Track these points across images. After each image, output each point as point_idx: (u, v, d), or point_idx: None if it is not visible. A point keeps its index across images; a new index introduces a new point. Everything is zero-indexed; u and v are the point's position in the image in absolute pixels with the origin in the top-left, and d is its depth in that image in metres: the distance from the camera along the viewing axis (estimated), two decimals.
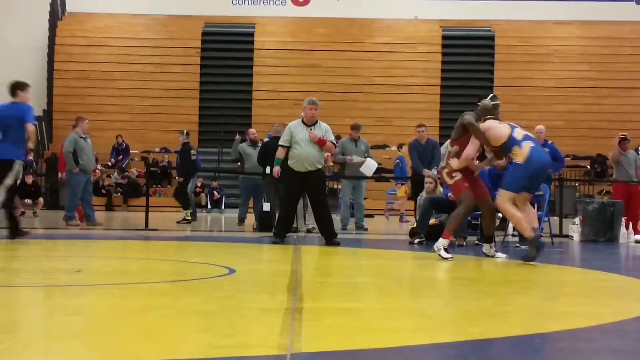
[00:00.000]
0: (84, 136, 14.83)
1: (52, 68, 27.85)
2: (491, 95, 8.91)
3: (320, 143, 10.72)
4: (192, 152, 17.01)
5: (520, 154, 8.29)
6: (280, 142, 10.95)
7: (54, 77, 27.81)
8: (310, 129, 10.74)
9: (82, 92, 27.38)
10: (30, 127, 10.30)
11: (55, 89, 27.77)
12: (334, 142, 11.07)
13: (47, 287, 6.24)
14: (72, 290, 6.07)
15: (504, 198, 8.38)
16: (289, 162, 10.76)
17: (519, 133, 8.45)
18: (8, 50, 27.62)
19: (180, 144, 17.29)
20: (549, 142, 13.74)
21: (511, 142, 8.39)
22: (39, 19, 27.99)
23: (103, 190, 23.94)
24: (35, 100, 27.82)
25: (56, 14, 28.60)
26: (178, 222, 16.19)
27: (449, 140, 9.61)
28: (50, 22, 28.23)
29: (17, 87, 10.66)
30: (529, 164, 8.25)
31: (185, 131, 17.64)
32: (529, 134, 8.59)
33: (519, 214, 8.33)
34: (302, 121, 10.88)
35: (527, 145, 8.31)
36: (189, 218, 16.67)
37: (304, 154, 10.68)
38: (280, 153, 10.89)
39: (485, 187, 9.09)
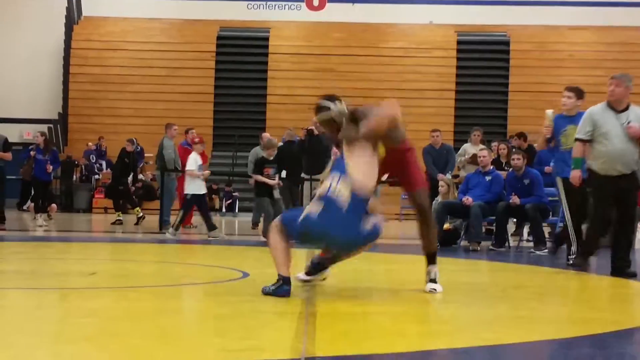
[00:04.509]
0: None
1: (68, 72, 27.94)
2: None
3: None
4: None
5: None
6: (578, 135, 8.09)
7: (69, 80, 27.89)
8: (628, 121, 7.90)
9: (98, 96, 27.46)
10: None
11: (70, 92, 27.86)
12: None
13: (61, 290, 6.24)
14: (86, 293, 6.07)
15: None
16: (593, 164, 8.03)
17: None
18: (24, 54, 27.78)
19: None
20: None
21: None
22: (55, 22, 28.09)
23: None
24: (50, 103, 28.23)
25: (72, 17, 28.70)
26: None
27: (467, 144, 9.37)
28: (66, 26, 28.32)
29: None
30: None
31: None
32: None
33: (278, 245, 5.74)
34: (608, 105, 8.06)
35: None
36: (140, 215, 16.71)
37: (616, 152, 7.86)
38: (579, 151, 8.10)
39: None
